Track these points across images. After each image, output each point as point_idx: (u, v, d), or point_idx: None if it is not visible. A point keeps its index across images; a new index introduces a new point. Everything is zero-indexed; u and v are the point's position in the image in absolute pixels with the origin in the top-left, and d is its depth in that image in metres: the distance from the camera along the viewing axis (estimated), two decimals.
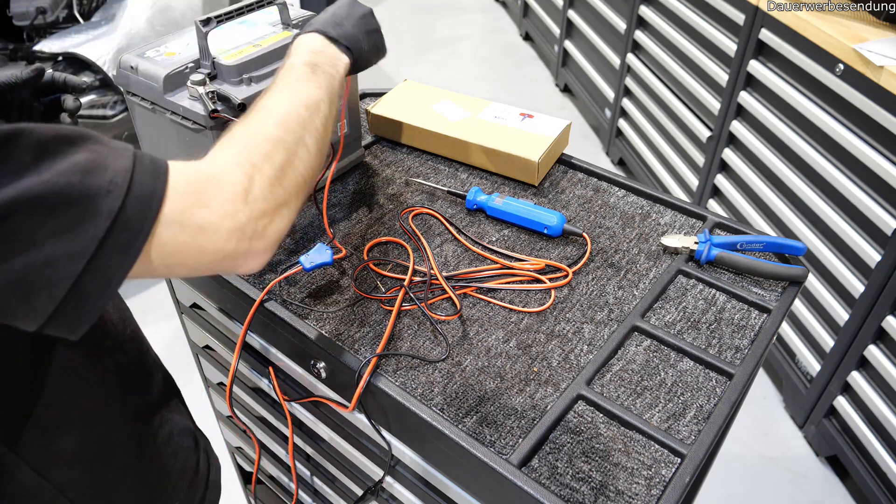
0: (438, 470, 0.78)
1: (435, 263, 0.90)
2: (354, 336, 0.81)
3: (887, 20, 1.54)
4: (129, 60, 0.88)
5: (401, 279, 0.87)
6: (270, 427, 1.10)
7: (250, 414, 1.14)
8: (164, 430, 0.78)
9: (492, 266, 0.91)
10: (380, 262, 0.91)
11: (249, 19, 0.95)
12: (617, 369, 0.78)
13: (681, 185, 2.33)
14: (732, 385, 0.76)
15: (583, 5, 2.89)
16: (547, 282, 0.88)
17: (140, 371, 0.77)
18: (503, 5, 4.34)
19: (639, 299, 0.86)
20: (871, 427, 1.59)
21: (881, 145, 1.47)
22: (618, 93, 2.68)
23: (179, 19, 2.34)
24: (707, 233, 0.93)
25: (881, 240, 1.48)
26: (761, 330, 0.83)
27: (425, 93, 1.19)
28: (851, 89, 1.49)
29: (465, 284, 0.88)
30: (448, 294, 0.86)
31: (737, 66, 1.90)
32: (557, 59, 3.29)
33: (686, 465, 0.68)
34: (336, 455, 0.98)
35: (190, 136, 0.87)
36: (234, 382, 1.14)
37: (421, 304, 0.83)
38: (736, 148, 2.01)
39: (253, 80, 0.88)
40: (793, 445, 1.87)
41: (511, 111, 1.13)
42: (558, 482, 0.67)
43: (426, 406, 0.72)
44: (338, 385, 0.83)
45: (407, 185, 1.06)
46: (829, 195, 1.64)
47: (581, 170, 1.10)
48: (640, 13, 2.38)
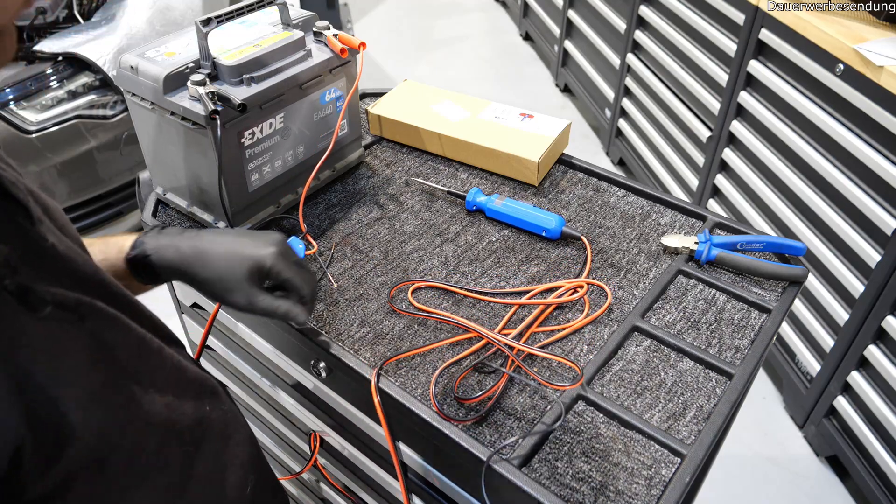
0: (439, 470, 0.78)
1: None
2: (354, 336, 0.81)
3: (887, 20, 1.53)
4: (129, 60, 0.88)
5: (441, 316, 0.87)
6: (267, 425, 1.10)
7: (249, 413, 1.14)
8: None
9: (528, 311, 0.83)
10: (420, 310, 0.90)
11: (249, 19, 0.95)
12: (617, 369, 0.78)
13: (681, 185, 2.33)
14: (732, 385, 0.76)
15: (583, 5, 2.89)
16: (585, 302, 0.88)
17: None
18: (503, 5, 4.34)
19: (639, 299, 0.86)
20: (871, 427, 1.59)
21: (881, 145, 1.46)
22: (618, 93, 2.68)
23: (179, 19, 2.34)
24: (707, 233, 0.93)
25: (881, 240, 1.48)
26: (761, 330, 0.83)
27: (425, 93, 1.19)
28: (851, 89, 1.49)
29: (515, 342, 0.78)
30: (513, 361, 0.78)
31: (737, 66, 1.90)
32: (557, 59, 3.29)
33: (686, 465, 0.68)
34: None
35: (190, 136, 0.87)
36: (235, 382, 1.14)
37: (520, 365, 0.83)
38: (736, 148, 2.01)
39: (253, 81, 0.88)
40: (793, 445, 1.87)
41: (511, 111, 1.13)
42: (558, 482, 0.67)
43: (426, 406, 0.72)
44: (338, 385, 0.84)
45: (407, 185, 1.06)
46: (829, 195, 1.64)
47: (581, 170, 1.10)
48: (640, 13, 2.38)
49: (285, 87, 0.91)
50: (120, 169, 2.22)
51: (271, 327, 0.87)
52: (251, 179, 0.93)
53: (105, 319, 0.50)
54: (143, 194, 1.05)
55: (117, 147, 2.19)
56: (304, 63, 0.93)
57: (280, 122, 0.93)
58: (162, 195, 1.00)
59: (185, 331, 1.16)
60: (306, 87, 0.94)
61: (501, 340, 0.77)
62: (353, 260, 0.92)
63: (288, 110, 0.93)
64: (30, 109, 2.05)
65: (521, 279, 0.89)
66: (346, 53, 0.95)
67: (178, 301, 1.10)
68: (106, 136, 2.16)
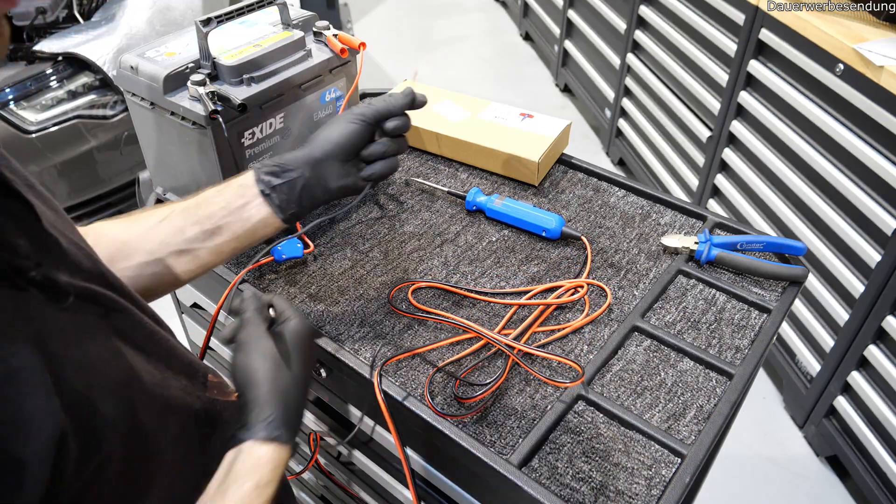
0: (439, 470, 0.78)
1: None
2: (354, 336, 0.81)
3: (887, 20, 1.53)
4: (129, 60, 0.88)
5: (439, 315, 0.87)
6: None
7: None
8: None
9: (529, 311, 0.84)
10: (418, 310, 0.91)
11: (249, 19, 0.95)
12: (617, 369, 0.78)
13: (681, 185, 2.33)
14: (732, 385, 0.76)
15: (583, 5, 2.89)
16: (584, 301, 0.88)
17: None
18: (503, 5, 4.34)
19: (639, 299, 0.86)
20: (871, 427, 1.59)
21: (881, 145, 1.46)
22: (618, 93, 2.68)
23: (179, 19, 2.34)
24: (707, 233, 0.93)
25: (881, 240, 1.48)
26: (761, 330, 0.83)
27: (425, 93, 1.19)
28: (851, 89, 1.49)
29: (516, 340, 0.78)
30: (514, 360, 0.78)
31: (737, 66, 1.90)
32: (557, 59, 3.29)
33: (686, 465, 0.67)
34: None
35: (190, 136, 0.87)
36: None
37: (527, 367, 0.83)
38: (736, 148, 2.01)
39: (253, 81, 0.88)
40: (793, 445, 1.87)
41: (511, 111, 1.13)
42: (558, 482, 0.67)
43: (426, 406, 0.72)
44: (338, 385, 0.83)
45: (407, 185, 1.06)
46: (829, 195, 1.64)
47: (581, 170, 1.10)
48: (640, 13, 2.38)
49: (285, 87, 0.91)
50: (120, 169, 2.22)
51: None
52: None
53: (117, 308, 0.50)
54: (143, 194, 1.05)
55: (117, 147, 2.19)
56: (304, 63, 0.93)
57: (280, 122, 0.93)
58: (162, 195, 1.00)
59: (186, 331, 1.16)
60: (306, 87, 0.94)
61: (501, 340, 0.77)
62: (353, 260, 0.92)
63: (288, 110, 0.93)
64: (30, 109, 2.05)
65: (521, 279, 0.89)
66: (346, 53, 0.95)
67: (178, 301, 1.10)
68: (106, 136, 2.16)
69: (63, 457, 0.40)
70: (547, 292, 0.87)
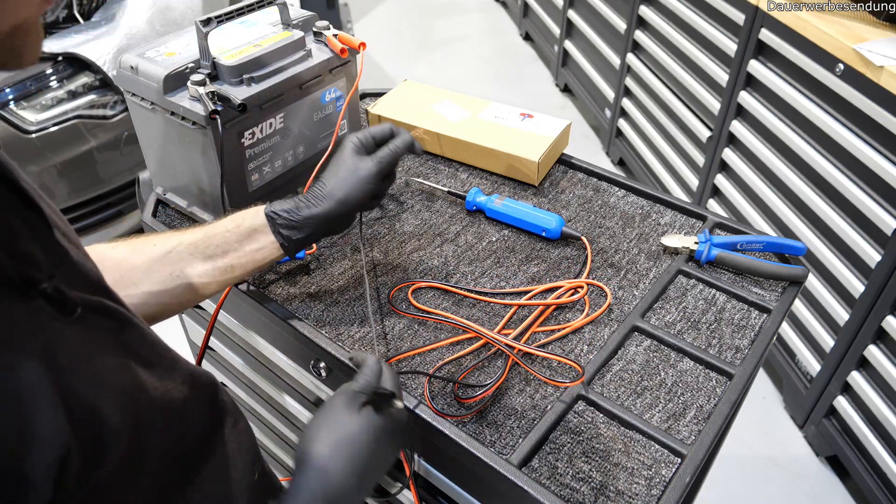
0: (439, 470, 0.78)
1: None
2: (354, 336, 0.81)
3: (887, 20, 1.53)
4: (129, 60, 0.88)
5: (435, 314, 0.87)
6: (267, 425, 1.10)
7: (249, 413, 1.14)
8: None
9: (529, 311, 0.83)
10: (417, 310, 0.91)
11: (249, 19, 0.95)
12: (617, 369, 0.78)
13: (681, 185, 2.33)
14: (732, 385, 0.76)
15: (583, 5, 2.89)
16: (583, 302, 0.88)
17: None
18: (503, 5, 4.34)
19: (639, 299, 0.86)
20: (871, 427, 1.59)
21: (881, 145, 1.46)
22: (618, 93, 2.68)
23: (179, 19, 2.34)
24: (707, 233, 0.93)
25: (881, 240, 1.48)
26: (761, 330, 0.83)
27: (425, 93, 1.19)
28: (851, 89, 1.49)
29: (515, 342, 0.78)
30: (514, 360, 0.78)
31: (737, 66, 1.90)
32: (557, 59, 3.29)
33: (686, 465, 0.68)
34: None
35: (190, 136, 0.87)
36: (235, 382, 1.14)
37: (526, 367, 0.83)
38: (736, 148, 2.01)
39: (253, 81, 0.88)
40: (793, 445, 1.87)
41: (511, 111, 1.13)
42: (558, 482, 0.67)
43: (426, 406, 0.72)
44: (338, 385, 0.83)
45: (407, 186, 1.06)
46: (829, 195, 1.64)
47: (581, 170, 1.10)
48: (640, 13, 2.38)
49: (285, 87, 0.91)
50: (120, 169, 2.22)
51: (271, 328, 0.87)
52: (251, 179, 0.93)
53: (121, 320, 0.50)
54: (143, 194, 1.05)
55: (117, 147, 2.19)
56: (304, 63, 0.93)
57: (280, 122, 0.93)
58: (162, 195, 1.00)
59: (186, 331, 1.16)
60: (306, 87, 0.94)
61: (501, 340, 0.77)
62: (353, 260, 0.92)
63: (288, 110, 0.93)
64: (30, 109, 2.05)
65: (521, 279, 0.89)
66: (346, 53, 0.95)
67: None
68: (106, 136, 2.15)
69: (65, 472, 0.40)
70: (547, 292, 0.87)
